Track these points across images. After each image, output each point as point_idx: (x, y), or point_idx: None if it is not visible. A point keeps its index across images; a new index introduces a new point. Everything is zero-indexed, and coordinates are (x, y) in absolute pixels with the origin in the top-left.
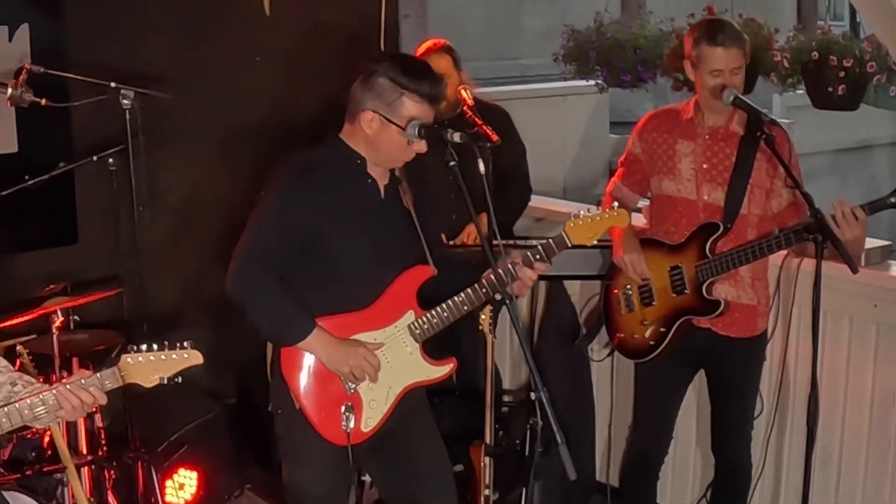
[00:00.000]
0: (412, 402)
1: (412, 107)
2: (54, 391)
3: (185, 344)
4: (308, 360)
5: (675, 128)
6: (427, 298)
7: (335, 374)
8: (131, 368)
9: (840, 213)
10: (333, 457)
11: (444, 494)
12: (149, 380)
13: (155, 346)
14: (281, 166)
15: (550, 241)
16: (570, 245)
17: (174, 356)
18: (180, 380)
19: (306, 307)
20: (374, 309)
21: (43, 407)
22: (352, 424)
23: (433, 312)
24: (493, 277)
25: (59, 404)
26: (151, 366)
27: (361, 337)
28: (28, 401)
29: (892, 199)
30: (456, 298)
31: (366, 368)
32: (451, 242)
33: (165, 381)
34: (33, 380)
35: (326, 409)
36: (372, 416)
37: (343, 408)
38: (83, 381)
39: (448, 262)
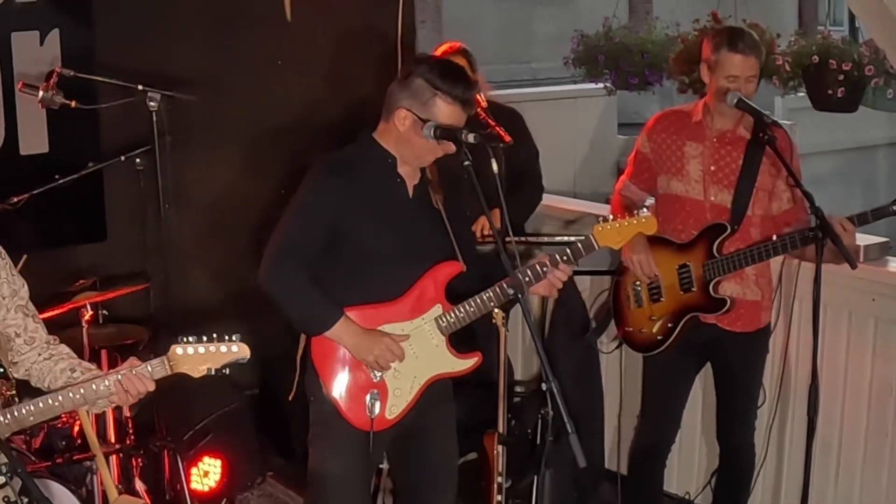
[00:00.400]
0: (436, 396)
1: (444, 107)
2: (112, 378)
3: (234, 337)
4: (337, 350)
5: (684, 129)
6: (457, 294)
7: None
8: (180, 359)
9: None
10: (358, 443)
11: (446, 489)
12: (197, 370)
13: (204, 338)
14: (315, 164)
15: (578, 243)
16: (597, 248)
17: (223, 348)
18: (227, 371)
19: (337, 299)
20: (402, 301)
21: (97, 392)
22: (376, 411)
23: (461, 307)
24: (518, 276)
25: (113, 390)
26: (200, 357)
27: (389, 328)
28: (85, 386)
29: (894, 208)
30: (483, 295)
31: (390, 358)
32: None
33: (213, 373)
34: (92, 366)
35: (353, 396)
36: (396, 403)
37: (368, 395)
38: (134, 370)
39: (478, 259)
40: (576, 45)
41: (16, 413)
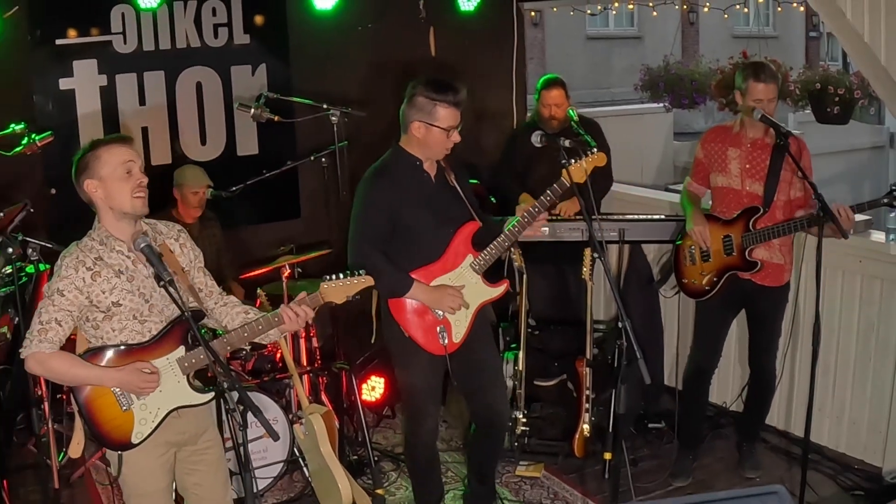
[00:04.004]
0: (482, 320)
1: (444, 112)
2: (278, 310)
3: (362, 272)
4: (408, 304)
5: (727, 138)
6: (479, 243)
7: (428, 308)
8: (327, 291)
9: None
10: (432, 363)
11: (498, 377)
12: (340, 298)
13: (341, 275)
14: (365, 175)
15: (555, 184)
16: (568, 184)
17: (355, 280)
18: (359, 297)
19: (401, 267)
20: (444, 259)
21: (268, 322)
22: (447, 339)
23: (485, 252)
24: (518, 225)
25: (280, 319)
26: (341, 288)
27: (440, 279)
28: (257, 320)
29: (885, 200)
30: (497, 240)
31: (457, 303)
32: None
33: (351, 298)
34: (257, 309)
35: (427, 333)
36: (459, 329)
37: (438, 329)
38: (298, 299)
39: (487, 218)
40: (643, 76)
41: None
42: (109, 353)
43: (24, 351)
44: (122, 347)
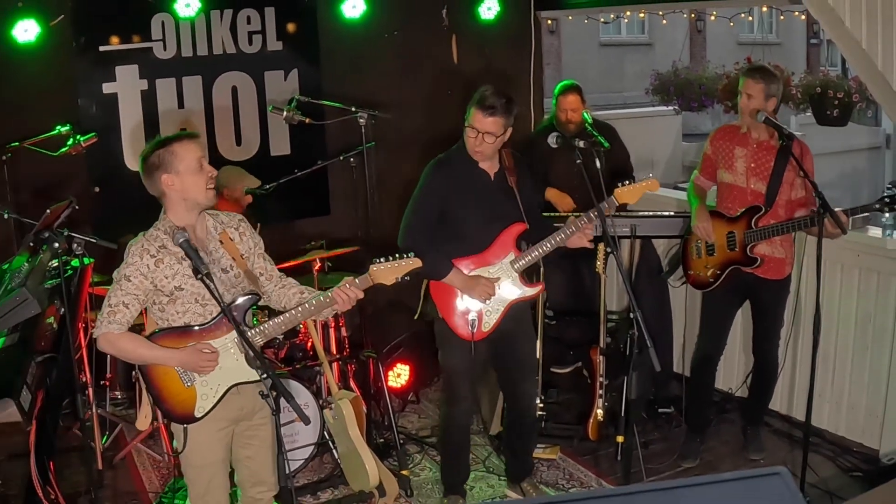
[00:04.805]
0: (517, 313)
1: (472, 111)
2: (330, 292)
3: (410, 254)
4: (448, 289)
5: (735, 138)
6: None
7: (465, 295)
8: (376, 273)
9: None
10: (465, 347)
11: (530, 374)
12: (389, 279)
13: (390, 258)
14: (428, 164)
15: (605, 202)
16: (617, 204)
17: (403, 262)
18: (408, 278)
19: (446, 253)
20: (487, 252)
21: (320, 303)
22: (476, 328)
23: (526, 254)
24: (565, 232)
25: (333, 299)
26: (389, 271)
27: (479, 271)
28: (310, 301)
29: (877, 205)
30: (542, 244)
31: (488, 293)
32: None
33: (400, 280)
34: (314, 289)
35: (459, 319)
36: (489, 320)
37: (470, 316)
38: (347, 282)
39: (539, 222)
40: (653, 80)
41: (265, 329)
42: (174, 333)
43: (96, 331)
44: (188, 328)
